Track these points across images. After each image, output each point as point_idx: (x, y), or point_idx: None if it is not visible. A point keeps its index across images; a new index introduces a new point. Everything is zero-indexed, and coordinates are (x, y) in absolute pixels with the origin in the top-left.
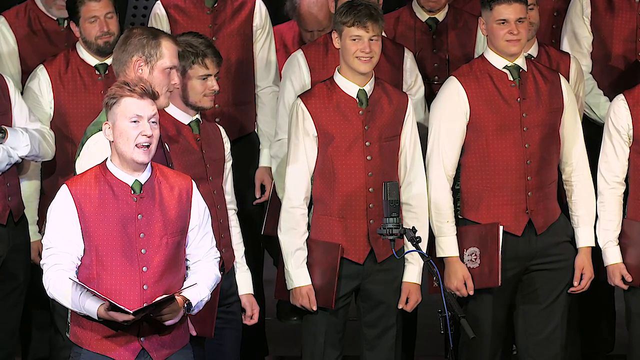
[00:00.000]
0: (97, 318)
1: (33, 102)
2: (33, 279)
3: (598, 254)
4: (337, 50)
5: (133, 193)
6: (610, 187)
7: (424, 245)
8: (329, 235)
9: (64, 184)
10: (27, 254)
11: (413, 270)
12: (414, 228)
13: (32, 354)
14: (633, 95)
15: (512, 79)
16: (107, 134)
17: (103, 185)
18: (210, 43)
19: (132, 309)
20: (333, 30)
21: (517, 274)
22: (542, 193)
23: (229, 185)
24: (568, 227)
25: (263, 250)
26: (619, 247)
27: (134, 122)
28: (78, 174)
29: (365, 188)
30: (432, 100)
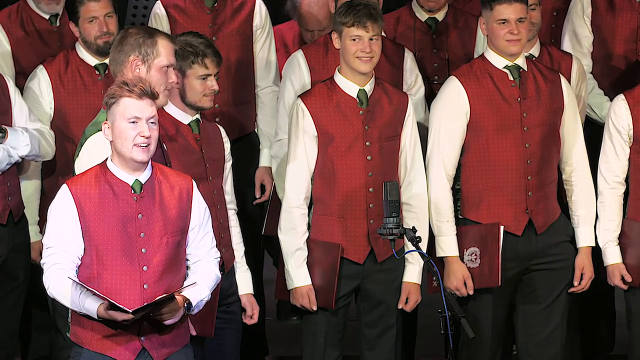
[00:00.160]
0: (97, 317)
1: (33, 102)
2: (33, 279)
3: (598, 254)
4: (337, 51)
5: (133, 192)
6: (611, 187)
7: (424, 245)
8: (329, 235)
9: (64, 184)
10: (27, 254)
11: (413, 270)
12: (414, 228)
13: (32, 354)
14: (633, 95)
15: (512, 79)
16: (106, 134)
17: (103, 185)
18: (210, 43)
19: (131, 308)
20: (333, 31)
21: (517, 274)
22: (542, 193)
23: (229, 185)
24: (568, 227)
25: (263, 250)
26: (619, 247)
27: (132, 122)
28: (78, 174)
29: (365, 188)
30: (432, 100)
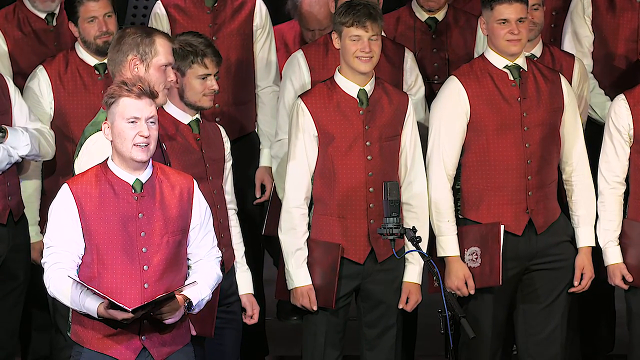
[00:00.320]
0: (97, 316)
1: (33, 102)
2: (33, 279)
3: (598, 254)
4: (337, 50)
5: (134, 192)
6: (611, 187)
7: (424, 245)
8: (329, 235)
9: (65, 183)
10: (27, 254)
11: (413, 270)
12: (414, 228)
13: (32, 354)
14: (633, 95)
15: (512, 79)
16: (106, 134)
17: (104, 184)
18: (210, 43)
19: (131, 307)
20: (333, 31)
21: (517, 274)
22: (542, 193)
23: (229, 185)
24: (568, 226)
25: (263, 250)
26: (620, 247)
27: (132, 122)
28: (79, 174)
29: (366, 188)
30: (432, 100)
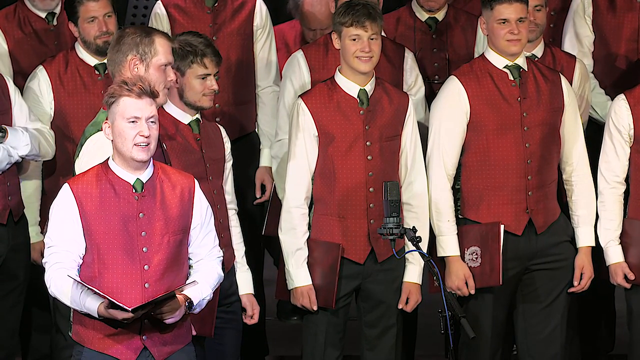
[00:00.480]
0: (97, 316)
1: (33, 102)
2: (33, 279)
3: (598, 254)
4: (337, 51)
5: (135, 192)
6: (611, 186)
7: (425, 245)
8: (330, 235)
9: (66, 183)
10: (27, 254)
11: (413, 270)
12: (414, 228)
13: (32, 354)
14: (634, 95)
15: (512, 79)
16: (107, 133)
17: (104, 184)
18: (210, 42)
19: (131, 307)
20: (333, 31)
21: (517, 274)
22: (542, 192)
23: (229, 185)
24: (568, 226)
25: (263, 250)
26: (621, 246)
27: (132, 122)
28: (80, 173)
29: (366, 188)
30: (432, 100)
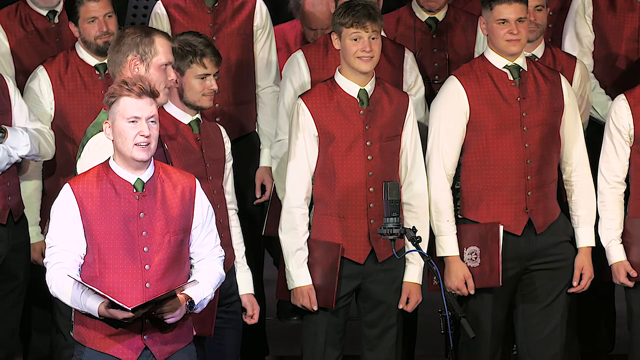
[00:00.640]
0: (98, 316)
1: (34, 102)
2: (33, 279)
3: (598, 254)
4: (337, 51)
5: (135, 191)
6: (611, 186)
7: (425, 245)
8: (330, 235)
9: (67, 183)
10: (27, 254)
11: (413, 270)
12: (414, 228)
13: (32, 354)
14: (634, 95)
15: (512, 79)
16: (107, 133)
17: (105, 184)
18: (210, 42)
19: (133, 306)
20: (332, 31)
21: (517, 274)
22: (542, 192)
23: (230, 185)
24: (568, 226)
25: (263, 250)
26: (622, 245)
27: (132, 122)
28: (81, 173)
29: (366, 188)
30: (432, 100)
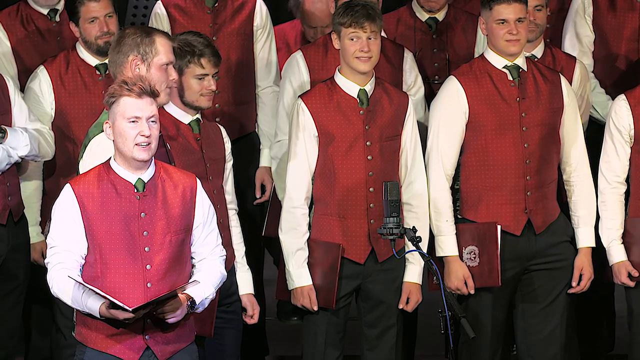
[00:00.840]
0: (99, 316)
1: (34, 102)
2: (33, 279)
3: (598, 254)
4: (336, 51)
5: (136, 191)
6: (612, 186)
7: (425, 245)
8: (330, 235)
9: (68, 184)
10: (27, 254)
11: (413, 270)
12: (414, 228)
13: (33, 354)
14: (634, 95)
15: (511, 79)
16: (108, 133)
17: (106, 184)
18: (209, 42)
19: (134, 307)
20: (332, 31)
21: (516, 274)
22: (541, 193)
23: (230, 185)
24: (568, 226)
25: (263, 250)
26: (623, 245)
27: (133, 122)
28: (82, 173)
29: (366, 188)
30: (432, 100)
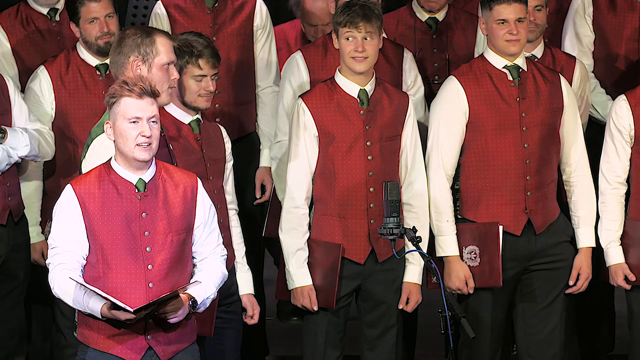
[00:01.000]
0: (101, 317)
1: (34, 102)
2: (33, 280)
3: (599, 254)
4: (336, 51)
5: (137, 191)
6: (612, 187)
7: (425, 245)
8: (330, 236)
9: (69, 184)
10: (27, 254)
11: (413, 271)
12: (414, 228)
13: (33, 355)
14: (634, 96)
15: (511, 79)
16: (108, 134)
17: (107, 184)
18: (209, 43)
19: (136, 307)
20: (332, 31)
21: (516, 274)
22: (541, 193)
23: (230, 185)
24: (568, 226)
25: (263, 250)
26: (621, 247)
27: (133, 122)
28: (83, 174)
29: (366, 188)
30: (432, 100)
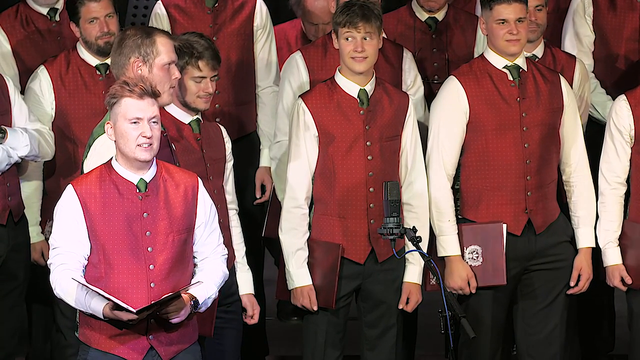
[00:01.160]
0: (103, 317)
1: (34, 102)
2: (33, 280)
3: (599, 254)
4: (336, 51)
5: (138, 191)
6: (612, 187)
7: (425, 245)
8: (330, 235)
9: (70, 184)
10: (27, 254)
11: (413, 271)
12: (415, 228)
13: (34, 355)
14: (635, 96)
15: (511, 79)
16: (109, 134)
17: (108, 185)
18: (210, 45)
19: (139, 307)
20: (333, 31)
21: (516, 274)
22: (541, 193)
23: (230, 185)
24: (568, 227)
25: (263, 250)
26: (619, 248)
27: (134, 123)
28: (84, 174)
29: (366, 188)
30: (432, 100)
